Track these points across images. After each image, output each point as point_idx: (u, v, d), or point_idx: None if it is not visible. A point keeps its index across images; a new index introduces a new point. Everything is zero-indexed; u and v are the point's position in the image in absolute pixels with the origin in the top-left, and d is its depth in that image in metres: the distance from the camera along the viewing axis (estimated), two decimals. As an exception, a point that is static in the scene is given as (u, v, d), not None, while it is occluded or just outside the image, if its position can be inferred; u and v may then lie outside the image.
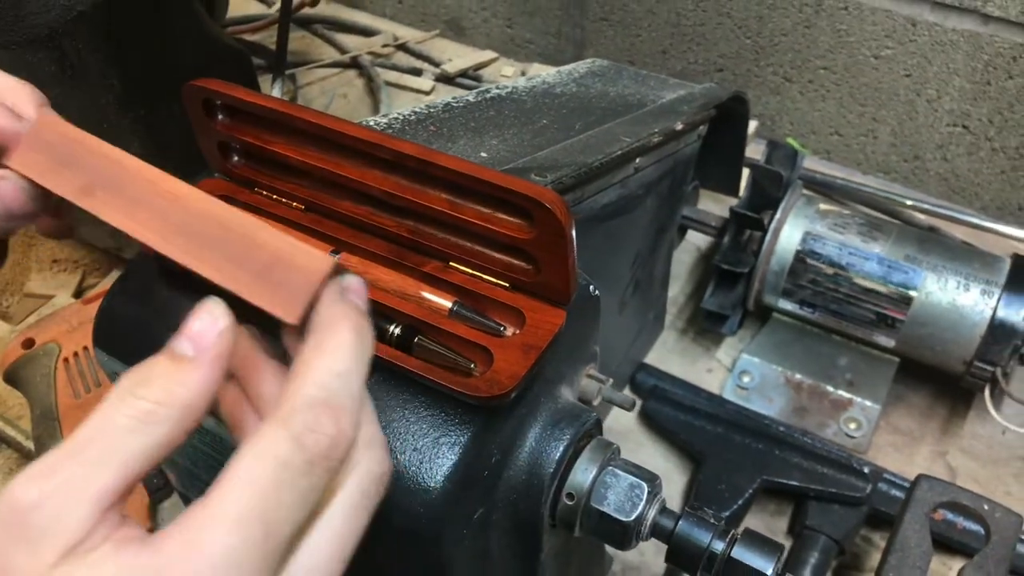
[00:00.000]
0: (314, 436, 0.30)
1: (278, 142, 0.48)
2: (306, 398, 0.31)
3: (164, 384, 0.31)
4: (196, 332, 0.32)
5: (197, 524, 0.29)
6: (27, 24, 0.50)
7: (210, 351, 0.32)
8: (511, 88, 0.76)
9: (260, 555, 0.29)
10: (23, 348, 0.76)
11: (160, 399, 0.31)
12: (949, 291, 0.77)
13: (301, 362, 0.32)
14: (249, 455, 0.30)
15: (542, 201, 0.39)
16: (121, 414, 0.30)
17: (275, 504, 0.29)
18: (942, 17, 0.91)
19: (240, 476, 0.29)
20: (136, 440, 0.30)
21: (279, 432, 0.30)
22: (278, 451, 0.30)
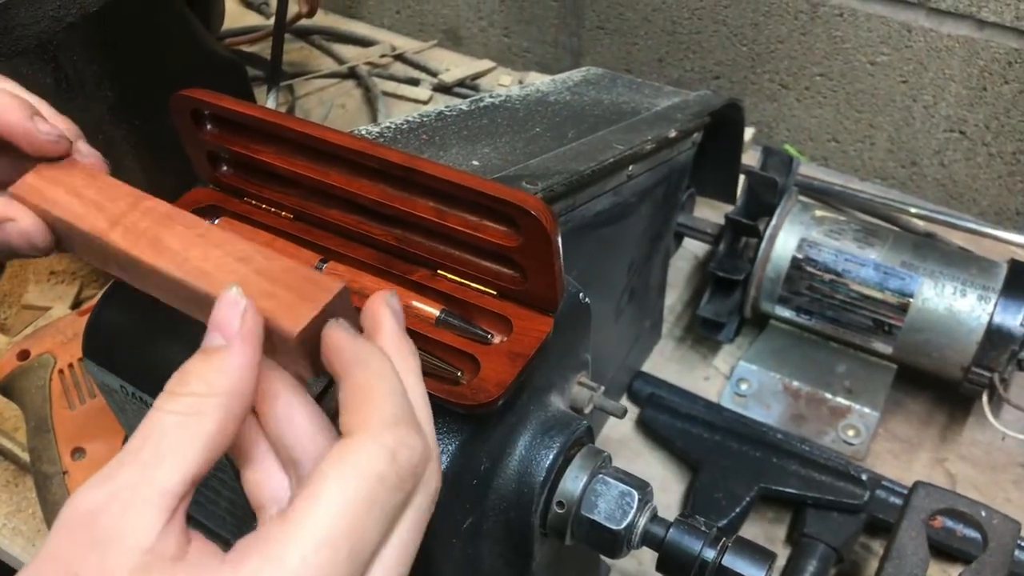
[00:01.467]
0: (407, 451, 0.31)
1: (266, 151, 0.48)
2: (391, 416, 0.31)
3: (202, 375, 0.31)
4: (220, 320, 0.33)
5: (280, 539, 0.28)
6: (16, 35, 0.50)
7: (238, 333, 0.32)
8: (505, 96, 0.76)
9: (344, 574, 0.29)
10: (18, 360, 0.76)
11: (200, 390, 0.31)
12: (946, 297, 0.77)
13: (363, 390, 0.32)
14: (340, 468, 0.30)
15: (527, 208, 0.39)
16: (167, 413, 0.31)
17: (364, 521, 0.29)
18: (937, 23, 0.91)
19: (330, 490, 0.29)
20: (186, 435, 0.30)
21: (374, 447, 0.30)
22: (376, 466, 0.30)
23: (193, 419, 0.30)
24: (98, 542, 0.28)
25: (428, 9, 1.28)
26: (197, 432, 0.30)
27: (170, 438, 0.30)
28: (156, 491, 0.29)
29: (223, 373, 0.31)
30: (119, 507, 0.28)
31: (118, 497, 0.29)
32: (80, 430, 0.73)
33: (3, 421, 0.84)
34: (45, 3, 0.50)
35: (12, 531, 0.78)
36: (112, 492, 0.29)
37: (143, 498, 0.29)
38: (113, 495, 0.29)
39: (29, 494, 0.79)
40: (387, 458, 0.30)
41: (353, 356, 0.34)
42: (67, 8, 0.52)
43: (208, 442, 0.30)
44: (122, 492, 0.29)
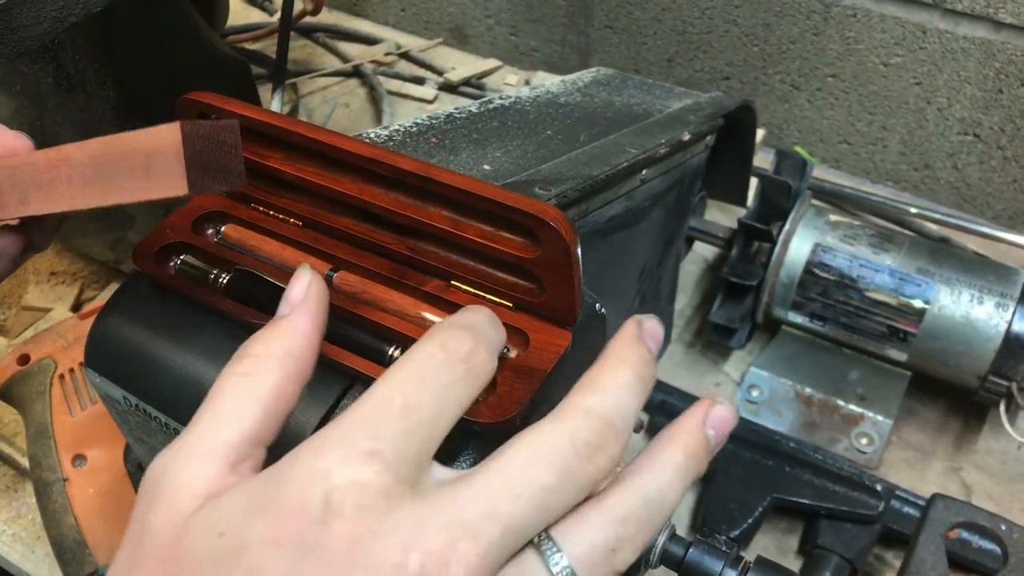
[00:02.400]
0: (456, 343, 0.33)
1: (275, 157, 0.47)
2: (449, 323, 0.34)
3: (263, 339, 0.34)
4: (290, 295, 0.36)
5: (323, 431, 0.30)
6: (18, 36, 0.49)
7: (302, 302, 0.35)
8: (514, 98, 0.75)
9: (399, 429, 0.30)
10: (18, 364, 0.75)
11: (259, 351, 0.33)
12: (963, 304, 0.75)
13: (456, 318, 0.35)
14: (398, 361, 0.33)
15: (546, 220, 0.38)
16: (228, 374, 0.33)
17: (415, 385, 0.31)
18: (953, 24, 0.90)
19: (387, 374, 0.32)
20: (243, 392, 0.32)
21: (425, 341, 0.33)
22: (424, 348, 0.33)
23: (250, 378, 0.33)
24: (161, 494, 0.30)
25: (434, 7, 1.26)
26: (254, 390, 0.32)
27: (228, 397, 0.32)
28: (212, 445, 0.31)
29: (282, 335, 0.34)
30: (181, 462, 0.31)
31: (180, 454, 0.31)
32: (81, 437, 0.72)
33: (2, 426, 0.83)
34: (47, 3, 0.49)
35: (12, 537, 0.77)
36: (176, 450, 0.31)
37: (201, 452, 0.31)
38: (176, 452, 0.31)
39: (29, 500, 0.78)
40: (436, 344, 0.33)
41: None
42: (70, 8, 0.50)
43: (265, 399, 0.32)
44: (183, 449, 0.31)
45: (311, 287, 0.35)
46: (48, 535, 0.71)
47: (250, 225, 0.48)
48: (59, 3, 0.50)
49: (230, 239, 0.48)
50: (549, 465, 0.31)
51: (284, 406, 0.33)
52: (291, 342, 0.34)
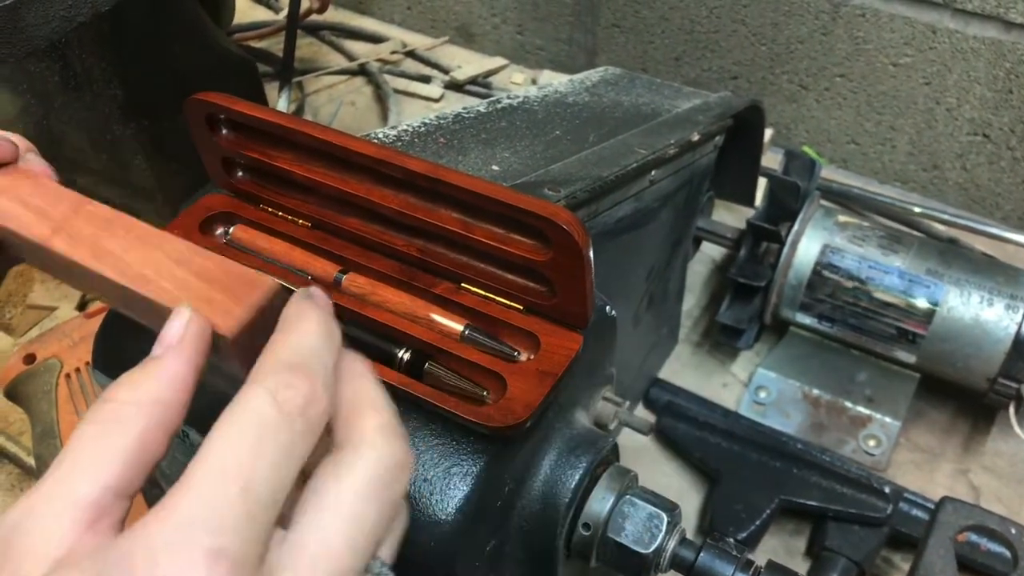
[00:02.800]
0: (289, 392, 0.30)
1: (283, 157, 0.46)
2: (278, 362, 0.31)
3: (130, 383, 0.30)
4: (165, 334, 0.32)
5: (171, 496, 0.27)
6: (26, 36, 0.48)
7: (175, 344, 0.31)
8: (522, 98, 0.74)
9: (242, 514, 0.27)
10: (24, 363, 0.74)
11: (124, 397, 0.30)
12: (972, 306, 0.75)
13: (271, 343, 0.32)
14: (227, 416, 0.29)
15: (558, 222, 0.38)
16: (88, 423, 0.29)
17: (251, 457, 0.28)
18: (963, 24, 0.89)
19: (216, 435, 0.29)
20: (106, 444, 0.29)
21: (256, 390, 0.30)
22: (256, 407, 0.29)
23: (112, 427, 0.29)
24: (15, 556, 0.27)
25: (440, 5, 1.26)
26: (120, 442, 0.29)
27: (87, 448, 0.29)
28: (67, 503, 0.28)
29: (154, 379, 0.31)
30: (33, 521, 0.28)
31: (33, 511, 0.28)
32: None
33: (8, 425, 0.82)
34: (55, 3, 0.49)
35: (17, 537, 0.77)
36: (29, 507, 0.28)
37: (54, 511, 0.28)
38: (29, 510, 0.28)
39: (34, 499, 0.78)
40: (267, 399, 0.29)
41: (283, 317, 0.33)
42: (78, 8, 0.50)
43: (128, 450, 0.29)
44: (37, 506, 0.28)
45: (189, 326, 0.32)
46: (54, 535, 0.71)
47: (259, 226, 0.48)
48: (67, 3, 0.49)
49: (239, 240, 0.48)
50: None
51: (150, 456, 0.30)
52: (159, 387, 0.30)
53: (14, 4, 0.46)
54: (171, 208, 0.83)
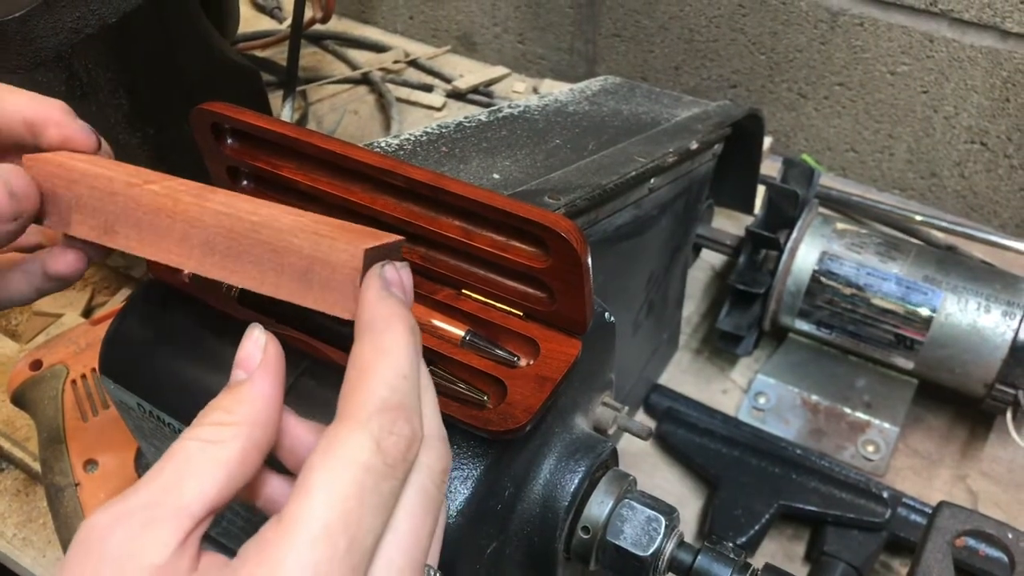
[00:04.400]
0: (393, 438, 0.30)
1: (288, 167, 0.47)
2: (380, 401, 0.31)
3: (224, 406, 0.32)
4: (243, 358, 0.33)
5: (276, 541, 0.28)
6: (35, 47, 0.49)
7: (259, 366, 0.33)
8: (523, 107, 0.75)
9: (347, 568, 0.28)
10: (31, 370, 0.75)
11: (223, 419, 0.31)
12: (969, 312, 0.76)
13: (362, 366, 0.32)
14: (327, 461, 0.29)
15: (558, 230, 0.38)
16: (189, 440, 0.31)
17: (358, 512, 0.29)
18: (960, 33, 0.90)
19: (320, 484, 0.29)
20: (207, 459, 0.30)
21: (359, 436, 0.30)
22: (360, 456, 0.29)
23: (215, 445, 0.30)
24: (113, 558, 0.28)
25: (442, 15, 1.27)
26: (219, 458, 0.30)
27: (192, 462, 0.30)
28: (174, 511, 0.29)
29: (244, 403, 0.32)
30: (136, 525, 0.28)
31: (135, 516, 0.29)
32: (93, 442, 0.72)
33: (14, 430, 0.83)
34: (64, 14, 0.50)
35: (23, 542, 0.77)
36: (129, 510, 0.29)
37: (160, 517, 0.29)
38: (130, 513, 0.29)
39: (40, 504, 0.79)
40: (372, 447, 0.30)
41: (369, 320, 0.33)
42: (86, 19, 0.51)
43: (230, 468, 0.30)
44: (139, 511, 0.29)
45: (268, 350, 0.33)
46: (59, 539, 0.72)
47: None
48: (75, 14, 0.50)
49: (243, 247, 0.49)
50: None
51: (245, 477, 0.31)
52: (256, 408, 0.32)
53: (24, 16, 0.47)
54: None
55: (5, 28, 0.48)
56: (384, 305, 0.33)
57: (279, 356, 0.33)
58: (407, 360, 0.32)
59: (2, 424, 0.83)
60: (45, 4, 0.48)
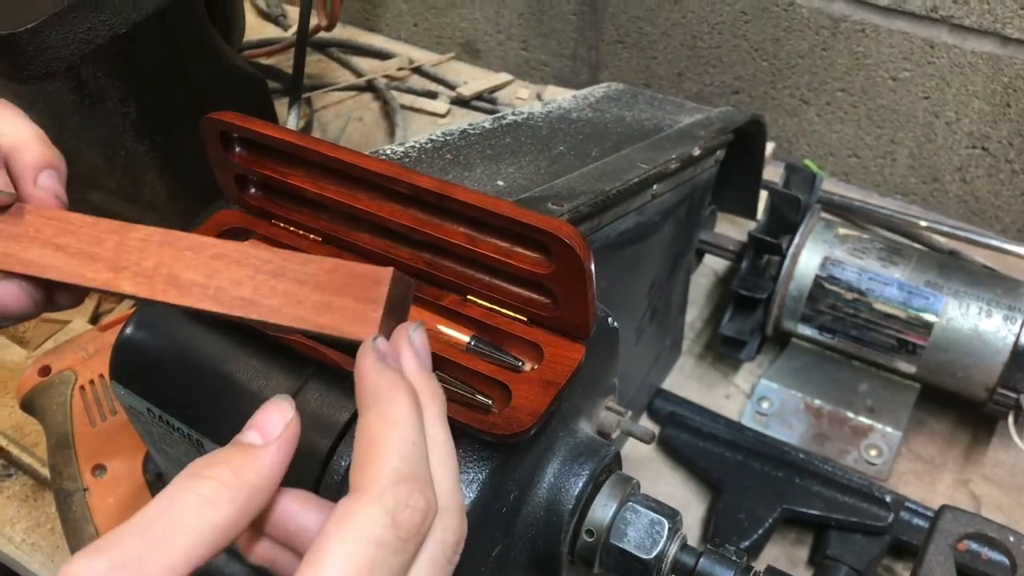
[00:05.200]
0: (408, 511, 0.30)
1: (295, 175, 0.48)
2: (393, 472, 0.31)
3: (233, 465, 0.32)
4: (263, 423, 0.33)
5: None
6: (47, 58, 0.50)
7: (278, 439, 0.33)
8: (527, 114, 0.76)
9: None
10: (39, 376, 0.76)
11: (228, 480, 0.31)
12: (971, 317, 0.76)
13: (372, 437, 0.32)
14: (341, 533, 0.29)
15: (560, 236, 0.39)
16: (189, 492, 0.30)
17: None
18: (960, 39, 0.91)
19: (332, 555, 0.29)
20: (203, 519, 0.30)
21: (374, 509, 0.30)
22: (374, 530, 0.29)
23: (213, 506, 0.30)
24: None
25: (446, 22, 1.28)
26: (215, 520, 0.30)
27: (187, 518, 0.30)
28: (161, 567, 0.29)
29: (253, 469, 0.32)
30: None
31: (123, 567, 0.28)
32: (101, 447, 0.73)
33: (23, 436, 0.84)
34: (76, 25, 0.50)
35: (31, 547, 0.78)
36: (118, 561, 0.28)
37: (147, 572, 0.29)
38: (119, 565, 0.28)
39: (48, 509, 0.79)
40: (387, 521, 0.30)
41: (372, 393, 0.33)
42: (97, 30, 0.52)
43: (222, 533, 0.30)
44: (128, 562, 0.29)
45: (291, 425, 0.33)
46: (68, 544, 0.73)
47: (272, 241, 0.50)
48: (86, 25, 0.51)
49: (251, 254, 0.49)
50: None
51: (229, 540, 0.31)
52: (262, 477, 0.32)
53: (36, 27, 0.48)
54: (182, 221, 0.84)
55: (17, 40, 0.49)
56: (384, 378, 0.34)
57: (296, 433, 0.33)
58: (415, 429, 0.33)
59: (11, 430, 0.84)
60: (57, 16, 0.49)
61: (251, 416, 0.34)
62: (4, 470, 0.84)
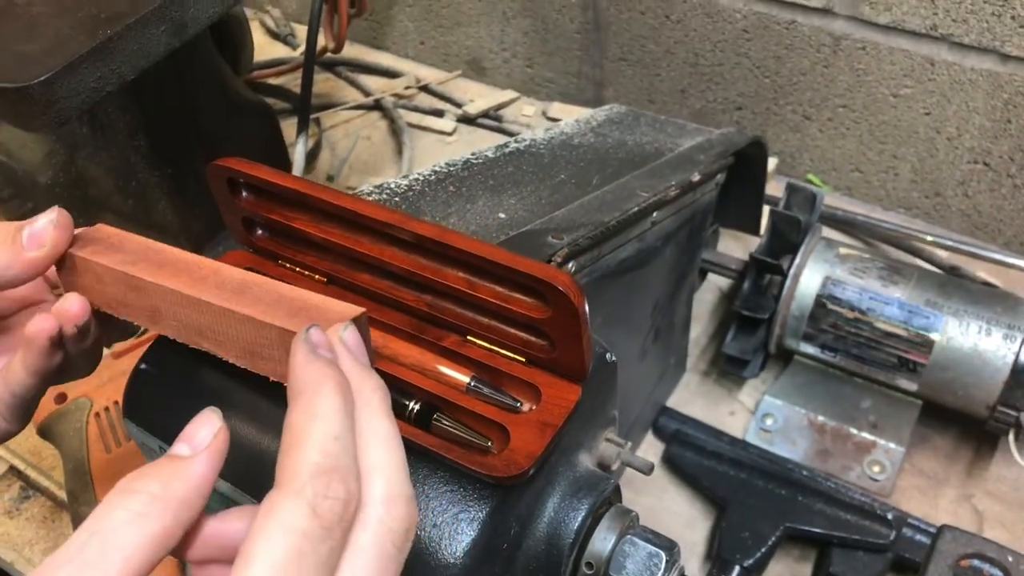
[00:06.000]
0: (328, 502, 0.31)
1: (300, 219, 0.49)
2: (313, 466, 0.31)
3: (161, 478, 0.32)
4: (191, 434, 0.34)
5: None
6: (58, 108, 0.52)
7: (205, 448, 0.33)
8: (529, 141, 0.77)
9: None
10: (56, 403, 0.78)
11: (156, 492, 0.31)
12: (971, 336, 0.77)
13: (294, 431, 0.33)
14: (265, 528, 0.30)
15: (556, 285, 0.40)
16: (119, 508, 0.31)
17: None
18: (960, 57, 0.91)
19: (259, 551, 0.29)
20: (135, 533, 0.30)
21: (294, 502, 0.30)
22: (296, 522, 0.30)
23: (143, 519, 0.31)
24: None
25: (452, 40, 1.29)
26: (147, 533, 0.31)
27: (118, 536, 0.30)
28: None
29: (182, 480, 0.32)
30: None
31: None
32: (116, 473, 0.75)
33: (40, 460, 0.86)
34: (86, 76, 0.52)
35: (50, 568, 0.80)
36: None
37: None
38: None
39: (66, 531, 0.81)
40: (307, 512, 0.30)
41: (299, 385, 0.34)
42: (107, 79, 0.53)
43: (155, 545, 0.31)
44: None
45: (219, 435, 0.34)
46: (86, 567, 0.74)
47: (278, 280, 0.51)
48: (96, 75, 0.53)
49: (258, 295, 0.51)
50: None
51: (164, 552, 0.31)
52: (191, 487, 0.32)
53: (48, 79, 0.50)
54: (193, 247, 0.86)
55: (30, 91, 0.50)
56: (312, 369, 0.34)
57: (225, 445, 0.34)
58: (338, 422, 0.33)
59: (28, 454, 0.86)
60: (68, 67, 0.51)
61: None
62: (23, 492, 0.86)
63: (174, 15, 0.56)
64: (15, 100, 0.51)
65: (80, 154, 0.81)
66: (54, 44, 0.52)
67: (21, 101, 0.51)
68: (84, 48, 0.51)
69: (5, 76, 0.51)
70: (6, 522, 0.83)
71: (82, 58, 0.52)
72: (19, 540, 0.82)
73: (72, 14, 0.55)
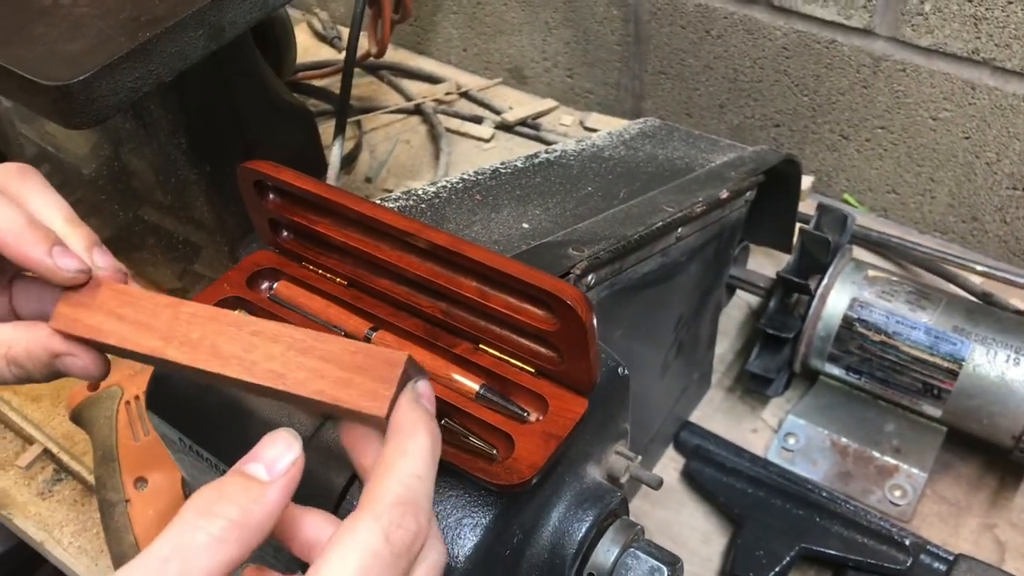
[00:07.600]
0: (400, 531, 0.34)
1: (323, 223, 0.50)
2: (394, 496, 0.34)
3: (242, 503, 0.33)
4: (270, 458, 0.35)
5: None
6: (96, 107, 0.53)
7: (283, 476, 0.34)
8: (560, 152, 0.78)
9: None
10: (88, 390, 0.80)
11: (237, 518, 0.33)
12: (998, 364, 0.76)
13: (385, 464, 0.36)
14: (342, 545, 0.33)
15: (564, 298, 0.41)
16: (200, 531, 0.32)
17: None
18: (1002, 82, 0.90)
19: (332, 563, 0.32)
20: (214, 559, 0.32)
21: (371, 525, 0.33)
22: (370, 542, 0.33)
23: (223, 545, 0.32)
24: None
25: (494, 48, 1.30)
26: (225, 557, 0.32)
27: (200, 559, 0.32)
28: None
29: (260, 507, 0.33)
30: None
31: None
32: (143, 461, 0.77)
33: (73, 444, 0.88)
34: (124, 76, 0.54)
35: (78, 550, 0.82)
36: None
37: None
38: None
39: (95, 514, 0.83)
40: (382, 537, 0.33)
41: (397, 426, 0.37)
42: (144, 79, 0.55)
43: (228, 569, 0.32)
44: None
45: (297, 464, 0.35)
46: (110, 551, 0.77)
47: (300, 283, 0.52)
48: (135, 75, 0.54)
49: (280, 296, 0.52)
50: None
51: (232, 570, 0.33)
52: (267, 514, 0.34)
53: (88, 79, 0.52)
54: (228, 242, 0.88)
55: (70, 90, 0.52)
56: (414, 413, 0.37)
57: (300, 472, 0.35)
58: (424, 463, 0.36)
59: (62, 439, 0.88)
60: (108, 67, 0.53)
61: None
62: (55, 475, 0.88)
63: (212, 19, 0.58)
64: (56, 98, 0.53)
65: (124, 149, 0.83)
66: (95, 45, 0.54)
67: (62, 99, 0.53)
68: (124, 49, 0.53)
69: (49, 74, 0.53)
70: (39, 503, 0.86)
71: (121, 59, 0.53)
72: (50, 521, 0.85)
73: (114, 16, 0.57)
